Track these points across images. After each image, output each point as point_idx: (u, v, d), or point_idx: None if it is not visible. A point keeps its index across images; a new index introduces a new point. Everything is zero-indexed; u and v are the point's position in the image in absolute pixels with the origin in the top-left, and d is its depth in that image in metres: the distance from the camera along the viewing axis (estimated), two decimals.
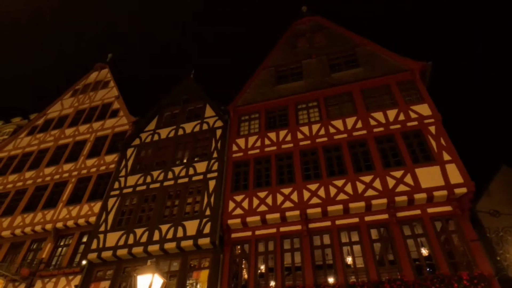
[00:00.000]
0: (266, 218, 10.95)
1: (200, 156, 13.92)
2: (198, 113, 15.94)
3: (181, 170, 13.51)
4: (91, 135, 17.55)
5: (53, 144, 18.05)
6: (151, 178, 13.72)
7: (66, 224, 13.81)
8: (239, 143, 13.51)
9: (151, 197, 13.14)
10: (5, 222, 14.78)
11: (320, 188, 10.95)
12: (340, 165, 11.46)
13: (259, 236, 11.00)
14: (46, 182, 16.02)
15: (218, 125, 14.74)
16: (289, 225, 10.89)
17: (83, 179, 15.47)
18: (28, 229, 14.15)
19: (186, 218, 11.79)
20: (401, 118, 11.77)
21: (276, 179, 11.81)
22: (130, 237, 11.92)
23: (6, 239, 14.47)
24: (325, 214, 10.57)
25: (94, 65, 22.47)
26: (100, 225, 12.81)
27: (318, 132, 12.55)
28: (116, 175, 14.51)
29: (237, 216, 11.28)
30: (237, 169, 12.78)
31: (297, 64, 15.75)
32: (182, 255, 11.25)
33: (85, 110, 19.45)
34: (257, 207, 11.24)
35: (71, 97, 21.14)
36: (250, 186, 11.96)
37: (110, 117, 18.19)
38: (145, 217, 12.56)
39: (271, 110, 14.29)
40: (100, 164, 15.74)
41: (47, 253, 13.38)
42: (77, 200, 14.57)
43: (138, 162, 14.82)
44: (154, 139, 15.49)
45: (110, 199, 13.60)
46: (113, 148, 16.22)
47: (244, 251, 11.09)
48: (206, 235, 11.04)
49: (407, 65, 13.15)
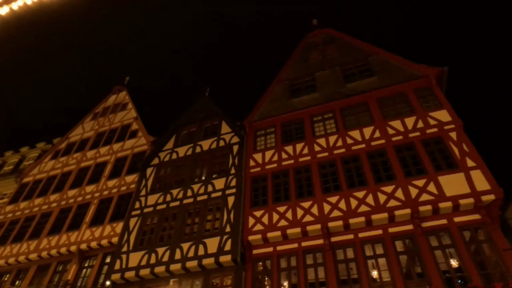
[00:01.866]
0: (287, 233, 10.81)
1: (218, 172, 13.99)
2: (214, 130, 16.11)
3: (200, 188, 13.59)
4: (112, 157, 17.95)
5: (75, 167, 18.55)
6: (171, 197, 13.85)
7: (89, 245, 14.03)
8: (256, 158, 13.52)
9: (172, 216, 13.23)
10: (32, 245, 15.16)
11: (340, 201, 10.77)
12: (360, 176, 11.27)
13: (281, 252, 10.85)
14: (70, 204, 16.41)
15: (234, 141, 14.83)
16: (310, 239, 10.71)
17: (105, 200, 15.76)
18: (53, 251, 14.44)
19: (206, 236, 11.79)
20: (420, 125, 11.54)
21: (295, 193, 11.70)
22: (152, 256, 11.98)
23: (33, 262, 14.79)
24: (347, 227, 10.35)
25: (113, 88, 23.19)
26: (123, 245, 12.94)
27: (336, 144, 12.43)
28: (136, 195, 14.73)
29: (257, 232, 11.19)
30: (255, 184, 12.76)
31: (311, 77, 15.79)
32: (204, 274, 11.19)
33: (105, 133, 19.98)
34: (277, 222, 11.14)
35: (91, 120, 21.79)
36: (269, 201, 11.89)
37: (130, 138, 18.60)
38: (166, 236, 12.62)
39: (287, 124, 14.29)
40: (121, 184, 16.03)
41: (72, 274, 13.58)
42: (99, 221, 14.82)
43: (158, 181, 15.02)
44: (172, 157, 15.70)
45: (131, 219, 13.77)
46: (133, 168, 16.52)
47: (266, 267, 10.94)
48: (227, 252, 10.97)
49: (423, 72, 12.97)
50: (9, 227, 16.83)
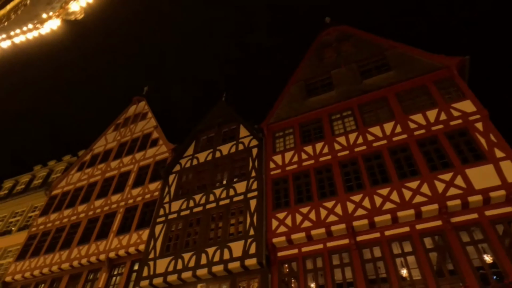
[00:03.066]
0: (311, 234, 10.72)
1: (239, 176, 14.05)
2: (233, 134, 16.21)
3: (221, 192, 13.68)
4: (135, 166, 18.36)
5: (100, 177, 19.07)
6: (194, 202, 14.01)
7: (118, 253, 14.36)
8: (276, 160, 13.49)
9: (196, 221, 13.38)
10: (63, 255, 15.67)
11: (364, 199, 10.58)
12: (383, 173, 11.05)
13: (306, 253, 10.76)
14: (97, 214, 16.87)
15: (253, 144, 14.86)
16: (336, 239, 10.57)
17: (130, 208, 16.12)
18: (84, 261, 14.88)
19: (231, 240, 11.84)
20: (443, 117, 11.21)
21: (318, 193, 11.60)
22: (179, 262, 12.14)
23: (66, 272, 15.29)
24: (372, 226, 10.15)
25: (132, 98, 23.74)
26: (149, 252, 13.18)
27: (356, 141, 12.25)
28: (160, 202, 14.98)
29: (281, 234, 11.14)
30: (277, 186, 12.73)
31: (327, 75, 15.64)
32: (231, 277, 11.24)
33: (127, 142, 20.46)
34: (300, 223, 11.06)
35: (113, 131, 22.37)
36: (292, 202, 11.83)
37: (151, 146, 18.97)
38: (191, 241, 12.77)
39: (305, 124, 14.20)
40: (145, 192, 16.35)
41: (103, 282, 13.94)
42: (126, 230, 15.16)
43: (180, 187, 15.23)
44: (193, 163, 15.90)
45: (156, 226, 14.01)
46: (155, 176, 16.83)
47: (292, 269, 10.87)
48: (252, 256, 10.98)
49: (443, 62, 12.61)
50: (42, 238, 17.47)
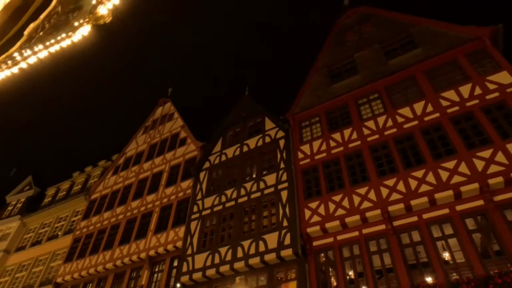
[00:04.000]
0: (346, 221, 10.58)
1: (268, 169, 14.07)
2: (258, 127, 16.22)
3: (252, 186, 13.77)
4: (166, 166, 18.84)
5: (135, 179, 19.74)
6: (226, 197, 14.21)
7: (157, 251, 14.86)
8: (304, 150, 13.38)
9: (229, 216, 13.57)
10: (107, 255, 16.43)
11: (398, 183, 10.29)
12: (416, 155, 10.68)
13: (342, 241, 10.64)
14: (134, 215, 17.51)
15: (280, 135, 14.80)
16: (371, 226, 10.37)
17: (165, 207, 16.59)
18: (126, 260, 15.53)
19: (265, 232, 11.92)
20: (477, 92, 10.63)
21: (349, 180, 11.40)
22: (216, 256, 12.39)
23: (110, 271, 16.03)
24: (409, 209, 9.87)
25: (158, 100, 24.29)
26: (187, 248, 13.54)
27: (386, 124, 11.90)
28: (193, 199, 15.31)
29: (315, 223, 11.08)
30: (307, 176, 12.63)
31: (350, 59, 15.25)
32: (268, 269, 11.34)
33: (157, 144, 21.01)
34: (334, 211, 10.94)
35: (143, 134, 23.04)
36: (323, 191, 11.71)
37: (180, 146, 19.38)
38: (226, 235, 12.98)
39: (331, 111, 13.96)
40: (178, 191, 16.76)
41: (146, 279, 14.50)
42: (163, 228, 15.65)
43: (211, 184, 15.47)
44: (222, 159, 16.09)
45: (192, 223, 14.35)
46: (187, 174, 17.20)
47: (328, 258, 10.80)
48: (288, 246, 11.01)
49: (474, 34, 11.93)
50: (85, 241, 18.39)
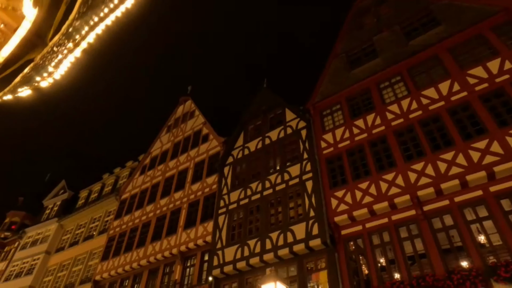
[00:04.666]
0: (374, 209, 10.43)
1: (291, 160, 14.03)
2: (279, 119, 16.16)
3: (276, 178, 13.80)
4: (191, 163, 19.17)
5: (161, 178, 20.24)
6: (251, 191, 14.32)
7: (188, 247, 15.24)
8: (326, 138, 13.24)
9: (255, 209, 13.68)
10: (140, 252, 17.02)
11: (427, 166, 10.01)
12: (444, 136, 10.33)
13: (371, 229, 10.50)
14: (164, 212, 17.99)
15: (301, 126, 14.70)
16: (400, 212, 10.17)
17: (193, 203, 16.94)
18: (159, 256, 16.03)
19: (292, 223, 11.95)
20: (507, 66, 10.12)
21: (375, 166, 11.20)
22: (245, 249, 12.56)
23: (145, 267, 16.61)
24: (439, 193, 9.59)
25: (179, 99, 24.66)
26: (216, 242, 13.80)
27: (410, 107, 11.56)
28: (219, 194, 15.54)
29: (342, 212, 10.99)
30: (331, 165, 12.51)
31: (368, 43, 14.85)
32: (297, 260, 11.39)
33: (180, 142, 21.39)
34: (361, 199, 10.80)
35: (166, 133, 23.51)
36: (349, 179, 11.58)
37: (203, 142, 19.65)
38: (254, 228, 13.11)
39: (352, 97, 13.70)
40: (204, 187, 17.05)
41: (179, 274, 14.92)
42: (192, 224, 16.00)
43: (236, 178, 15.62)
44: (244, 153, 16.19)
45: (219, 217, 14.59)
46: (211, 170, 17.45)
47: (358, 246, 10.71)
48: (316, 236, 11.00)
49: (499, 5, 11.31)
50: (119, 239, 19.11)
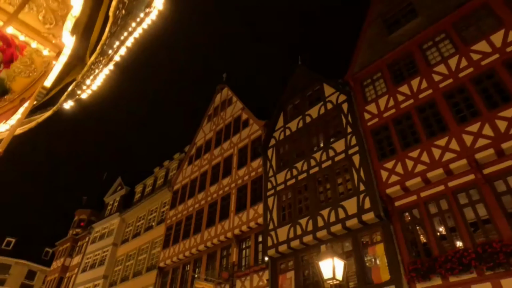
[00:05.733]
0: (428, 177, 9.98)
1: (335, 135, 13.76)
2: (318, 95, 15.82)
3: (321, 155, 13.64)
4: (234, 149, 19.54)
5: (208, 166, 20.89)
6: (297, 170, 14.32)
7: (241, 230, 15.73)
8: (370, 110, 12.77)
9: (303, 188, 13.69)
10: (197, 238, 17.89)
11: (483, 127, 9.32)
12: (501, 92, 9.51)
13: (427, 198, 10.09)
14: (214, 199, 18.64)
15: (342, 99, 14.29)
16: (458, 177, 9.63)
17: (241, 188, 17.34)
18: (215, 240, 16.74)
19: (342, 199, 11.83)
20: None
21: (425, 133, 10.64)
22: (297, 228, 12.70)
23: (203, 252, 17.47)
24: (500, 154, 8.92)
25: (215, 88, 25.02)
26: (268, 224, 14.08)
27: (459, 65, 10.74)
28: (266, 177, 15.73)
29: (394, 183, 10.66)
30: (377, 136, 12.09)
31: (406, 2, 13.86)
32: (351, 235, 11.31)
33: (222, 130, 21.83)
34: (413, 168, 10.38)
35: (207, 122, 24.08)
36: (398, 149, 11.14)
37: (243, 127, 19.88)
38: (304, 207, 13.17)
39: (394, 63, 12.99)
40: (250, 171, 17.35)
41: (235, 256, 15.52)
42: (242, 207, 16.44)
43: (281, 159, 15.68)
44: (286, 134, 16.13)
45: (268, 199, 14.82)
46: (255, 154, 17.67)
47: (414, 217, 10.35)
48: (368, 210, 10.82)
49: None
50: (176, 227, 20.19)
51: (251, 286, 13.87)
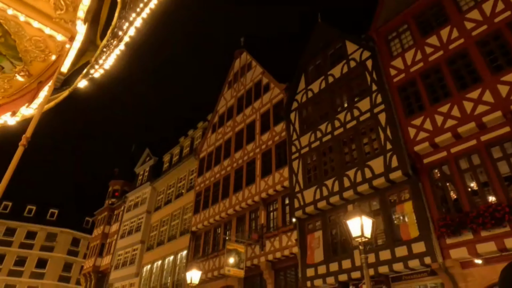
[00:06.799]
0: (459, 131, 9.61)
1: (359, 94, 13.35)
2: (340, 53, 15.21)
3: (345, 115, 13.36)
4: (256, 114, 19.48)
5: (232, 133, 21.05)
6: (321, 132, 14.17)
7: (268, 193, 16.04)
8: (396, 65, 12.20)
9: (328, 149, 13.60)
10: (226, 203, 18.47)
11: None
12: None
13: (457, 153, 9.78)
14: (240, 164, 18.94)
15: (365, 56, 13.68)
16: (491, 131, 9.22)
17: (265, 153, 17.46)
18: (243, 204, 17.22)
19: (368, 158, 11.70)
20: None
21: (456, 86, 10.12)
22: (324, 189, 12.79)
23: (232, 215, 18.08)
24: None
25: (234, 53, 24.57)
26: (294, 186, 14.25)
27: (494, 10, 9.90)
28: (290, 141, 15.70)
29: (422, 140, 10.37)
30: (404, 92, 11.63)
31: None
32: (378, 194, 11.28)
33: (243, 96, 21.68)
34: (443, 123, 10.00)
35: (228, 90, 23.95)
36: (426, 104, 10.71)
37: (265, 92, 19.64)
38: (329, 168, 13.16)
39: (421, 13, 12.16)
40: (273, 135, 17.36)
41: (264, 219, 15.96)
42: (268, 171, 16.65)
43: (304, 122, 15.51)
44: (308, 96, 15.82)
45: (293, 162, 14.89)
46: (278, 118, 17.55)
47: (443, 173, 10.12)
48: (396, 169, 10.67)
49: None
50: (205, 194, 20.86)
51: (280, 246, 14.36)
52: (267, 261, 14.65)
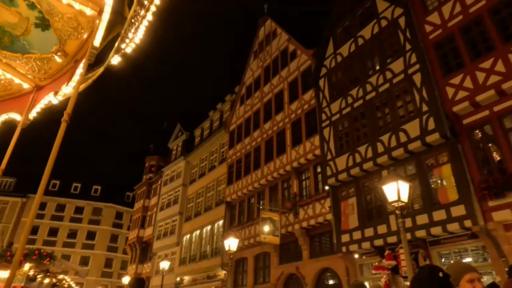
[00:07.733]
0: (503, 88, 8.96)
1: (392, 55, 12.68)
2: (370, 13, 14.36)
3: (377, 78, 12.81)
4: (284, 83, 19.15)
5: (260, 104, 20.94)
6: (352, 98, 13.74)
7: (299, 162, 16.05)
8: (431, 20, 11.38)
9: (360, 115, 13.23)
10: (258, 173, 18.73)
11: None
12: None
13: (501, 112, 9.18)
14: (270, 135, 18.95)
15: (398, 13, 12.84)
16: None
17: (295, 122, 17.30)
18: (275, 174, 17.40)
19: (403, 122, 11.28)
20: None
21: (500, 38, 9.32)
22: (356, 156, 12.58)
23: (265, 185, 18.36)
24: None
25: (258, 21, 23.93)
26: (326, 154, 14.12)
27: None
28: (319, 108, 15.40)
29: (462, 100, 9.79)
30: (441, 49, 10.90)
31: None
32: (414, 158, 10.95)
33: (269, 65, 21.29)
34: (485, 80, 9.35)
35: (254, 60, 23.57)
36: (466, 61, 10.00)
37: (291, 60, 19.16)
38: (361, 135, 12.86)
39: None
40: (302, 104, 17.08)
41: (296, 187, 16.09)
42: (298, 141, 16.57)
43: (333, 89, 15.07)
44: (338, 61, 15.25)
45: (324, 130, 14.66)
46: (306, 86, 17.17)
47: (485, 133, 9.59)
48: (433, 131, 10.23)
49: None
50: (237, 165, 21.23)
51: (313, 213, 14.51)
52: (301, 228, 14.92)
